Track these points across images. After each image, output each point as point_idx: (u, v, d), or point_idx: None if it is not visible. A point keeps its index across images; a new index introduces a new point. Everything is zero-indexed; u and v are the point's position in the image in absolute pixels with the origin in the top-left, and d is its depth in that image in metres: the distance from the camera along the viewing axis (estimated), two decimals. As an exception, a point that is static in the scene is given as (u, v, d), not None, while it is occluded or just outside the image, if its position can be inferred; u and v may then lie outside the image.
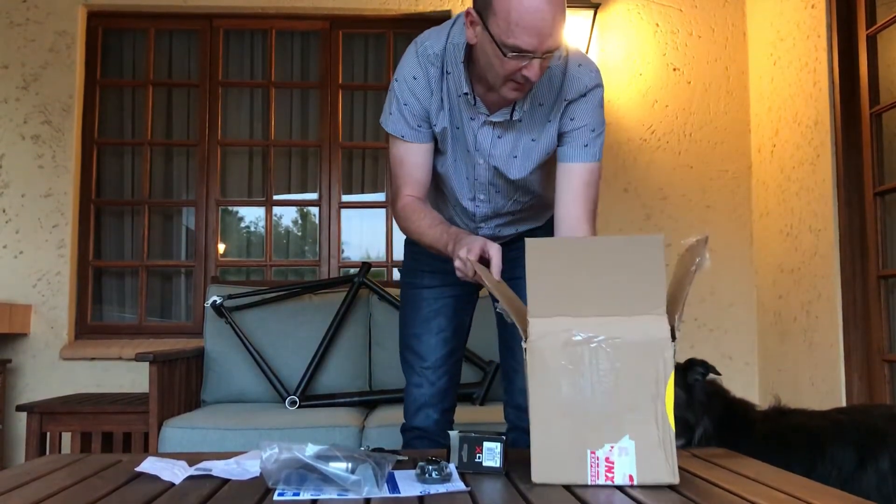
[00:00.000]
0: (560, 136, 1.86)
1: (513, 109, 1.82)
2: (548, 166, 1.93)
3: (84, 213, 4.04)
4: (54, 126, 3.94)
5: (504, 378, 2.16)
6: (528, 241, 1.46)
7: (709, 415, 2.21)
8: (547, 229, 2.11)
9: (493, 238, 1.95)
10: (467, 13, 1.69)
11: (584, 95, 1.83)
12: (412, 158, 1.91)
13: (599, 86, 1.85)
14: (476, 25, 1.67)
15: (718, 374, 2.24)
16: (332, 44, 4.20)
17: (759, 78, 3.98)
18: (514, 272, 1.97)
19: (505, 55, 1.62)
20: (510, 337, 2.09)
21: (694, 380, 2.20)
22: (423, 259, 2.07)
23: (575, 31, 3.91)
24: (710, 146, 4.08)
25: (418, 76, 1.85)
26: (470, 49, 1.77)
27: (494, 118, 1.83)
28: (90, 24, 4.11)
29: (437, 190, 2.05)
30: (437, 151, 1.95)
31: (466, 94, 1.80)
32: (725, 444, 2.02)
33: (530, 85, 1.70)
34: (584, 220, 1.84)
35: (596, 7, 3.94)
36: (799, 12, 3.53)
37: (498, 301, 1.50)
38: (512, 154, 1.88)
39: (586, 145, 1.85)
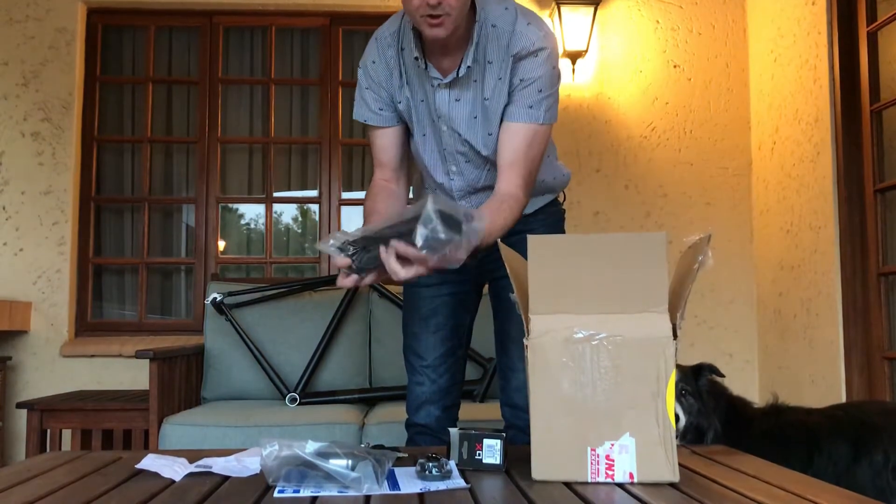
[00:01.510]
0: (508, 95, 1.86)
1: (458, 67, 1.84)
2: None
3: (84, 211, 4.04)
4: (54, 123, 3.94)
5: (500, 377, 2.16)
6: (531, 238, 1.46)
7: (717, 415, 2.22)
8: (541, 222, 2.10)
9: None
10: None
11: (533, 54, 1.82)
12: (379, 141, 2.00)
13: (547, 47, 1.83)
14: None
15: (723, 375, 2.25)
16: (332, 41, 4.19)
17: (759, 75, 3.97)
18: (500, 272, 1.97)
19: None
20: (505, 336, 2.09)
21: (703, 385, 2.21)
22: None
23: (575, 28, 3.91)
24: (710, 143, 4.08)
25: (377, 60, 1.93)
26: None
27: (446, 80, 1.85)
28: (90, 20, 4.11)
29: (421, 177, 2.10)
30: (411, 133, 1.99)
31: (416, 58, 1.85)
32: (725, 441, 2.03)
33: (444, 18, 1.70)
34: (519, 187, 1.83)
35: (596, 4, 3.94)
36: (799, 9, 3.52)
37: (513, 291, 1.50)
38: (472, 115, 1.89)
39: (531, 106, 1.84)
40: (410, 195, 2.19)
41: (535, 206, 2.10)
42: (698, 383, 2.20)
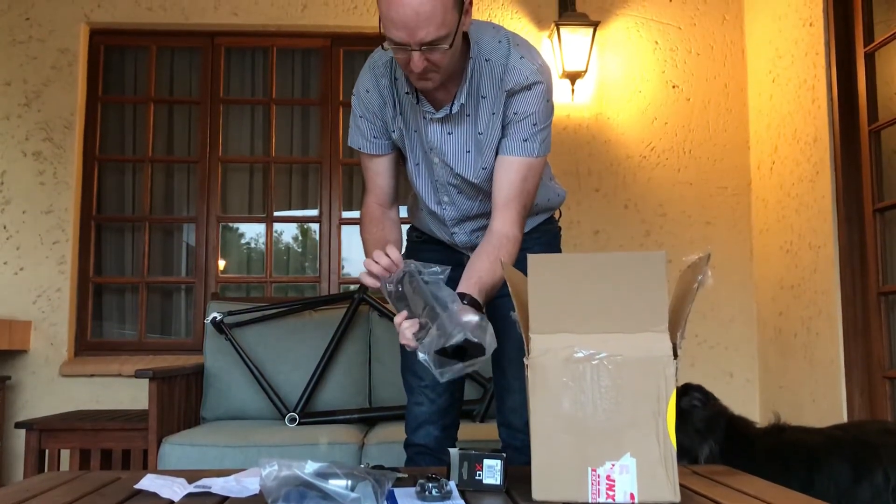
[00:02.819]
0: (502, 129, 1.86)
1: (451, 105, 1.84)
2: None
3: (85, 230, 4.04)
4: (56, 143, 3.95)
5: (496, 397, 2.16)
6: (531, 258, 1.46)
7: (714, 437, 2.21)
8: (536, 241, 2.09)
9: (472, 247, 1.97)
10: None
11: (526, 88, 1.81)
12: (373, 168, 2.02)
13: (541, 81, 1.82)
14: None
15: (707, 397, 2.25)
16: (333, 61, 4.22)
17: (758, 95, 3.99)
18: (500, 290, 1.96)
19: (385, 49, 1.72)
20: (502, 357, 2.08)
21: (691, 405, 2.20)
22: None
23: (575, 48, 3.93)
24: (709, 163, 4.09)
25: (370, 89, 1.93)
26: None
27: (438, 115, 1.85)
28: (92, 41, 4.13)
29: (414, 196, 2.11)
30: (404, 159, 2.01)
31: (408, 93, 1.86)
32: (726, 461, 2.02)
33: (431, 74, 1.71)
34: (515, 224, 1.84)
35: (595, 25, 3.96)
36: (797, 30, 3.55)
37: (514, 309, 1.50)
38: (465, 149, 1.89)
39: (525, 139, 1.84)
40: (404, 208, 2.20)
41: (531, 224, 2.10)
42: (680, 404, 2.19)
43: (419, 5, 1.60)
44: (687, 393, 2.21)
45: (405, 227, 2.15)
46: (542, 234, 2.13)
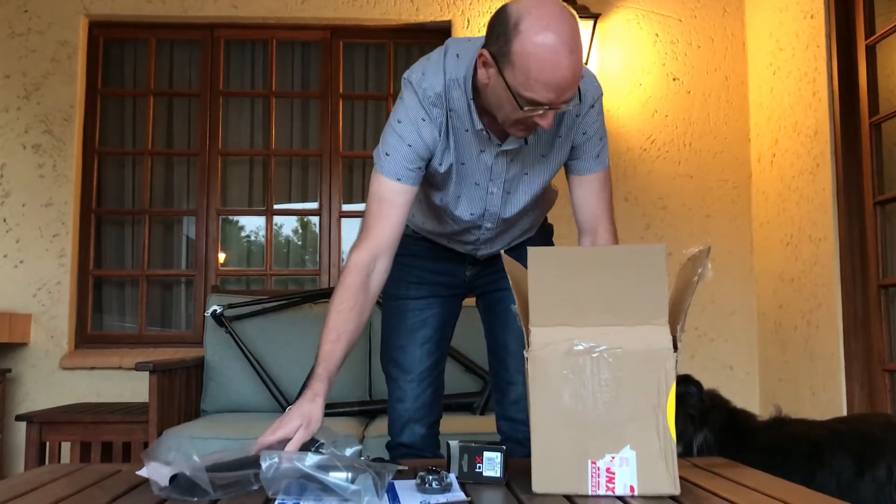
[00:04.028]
0: (572, 150, 1.84)
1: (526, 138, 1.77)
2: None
3: (84, 223, 4.04)
4: (55, 136, 3.94)
5: (496, 390, 2.15)
6: (531, 250, 1.46)
7: (709, 426, 2.21)
8: (539, 237, 2.12)
9: (486, 249, 1.96)
10: (480, 54, 1.61)
11: (591, 106, 1.80)
12: (397, 200, 1.76)
13: (601, 93, 1.83)
14: (490, 68, 1.60)
15: (696, 386, 2.26)
16: (333, 54, 4.21)
17: (758, 88, 3.99)
18: (500, 283, 1.97)
19: (521, 107, 1.56)
20: (502, 349, 2.08)
21: (686, 391, 2.20)
22: (410, 269, 2.05)
23: (575, 41, 3.91)
24: (709, 156, 4.08)
25: (426, 118, 1.74)
26: (474, 81, 1.70)
27: (507, 146, 1.77)
28: (91, 34, 4.12)
29: (432, 208, 1.96)
30: (431, 187, 1.88)
31: (481, 130, 1.74)
32: (726, 454, 2.02)
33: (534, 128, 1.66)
34: (608, 221, 1.95)
35: (596, 17, 3.95)
36: (798, 22, 3.54)
37: (514, 303, 1.50)
38: (523, 171, 1.85)
39: (598, 155, 1.86)
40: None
41: (534, 229, 2.12)
42: (677, 390, 2.19)
43: (576, 67, 1.53)
44: (683, 382, 2.21)
45: None
46: (537, 233, 2.15)
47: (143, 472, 1.45)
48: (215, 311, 3.39)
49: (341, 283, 1.72)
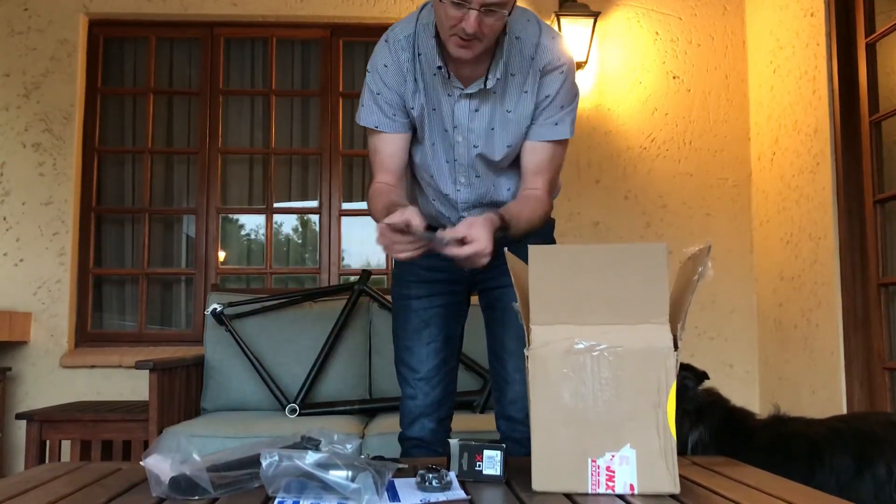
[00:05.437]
0: (534, 113, 1.88)
1: (486, 79, 1.83)
2: None
3: (84, 221, 4.04)
4: (55, 134, 3.94)
5: (495, 388, 2.15)
6: (532, 249, 1.46)
7: (705, 423, 2.21)
8: (544, 234, 2.10)
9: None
10: None
11: (557, 69, 1.85)
12: (387, 148, 1.93)
13: (571, 61, 1.89)
14: None
15: (707, 377, 2.25)
16: (333, 52, 4.21)
17: (758, 86, 3.98)
18: (500, 280, 1.97)
19: (446, 6, 1.66)
20: (501, 347, 2.08)
21: (682, 384, 2.20)
22: (410, 267, 2.06)
23: (575, 39, 3.92)
24: (710, 154, 4.08)
25: (389, 63, 1.88)
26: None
27: (469, 90, 1.84)
28: (91, 32, 4.12)
29: (417, 184, 2.06)
30: (415, 140, 1.96)
31: (440, 67, 1.82)
32: (725, 452, 2.02)
33: (474, 42, 1.71)
34: (543, 189, 1.91)
35: (596, 15, 3.95)
36: (798, 21, 3.53)
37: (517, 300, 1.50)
38: (489, 126, 1.89)
39: (556, 123, 1.89)
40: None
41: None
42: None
43: None
44: (681, 371, 2.21)
45: None
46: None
47: (146, 463, 1.44)
48: (215, 309, 3.39)
49: (371, 198, 1.92)
